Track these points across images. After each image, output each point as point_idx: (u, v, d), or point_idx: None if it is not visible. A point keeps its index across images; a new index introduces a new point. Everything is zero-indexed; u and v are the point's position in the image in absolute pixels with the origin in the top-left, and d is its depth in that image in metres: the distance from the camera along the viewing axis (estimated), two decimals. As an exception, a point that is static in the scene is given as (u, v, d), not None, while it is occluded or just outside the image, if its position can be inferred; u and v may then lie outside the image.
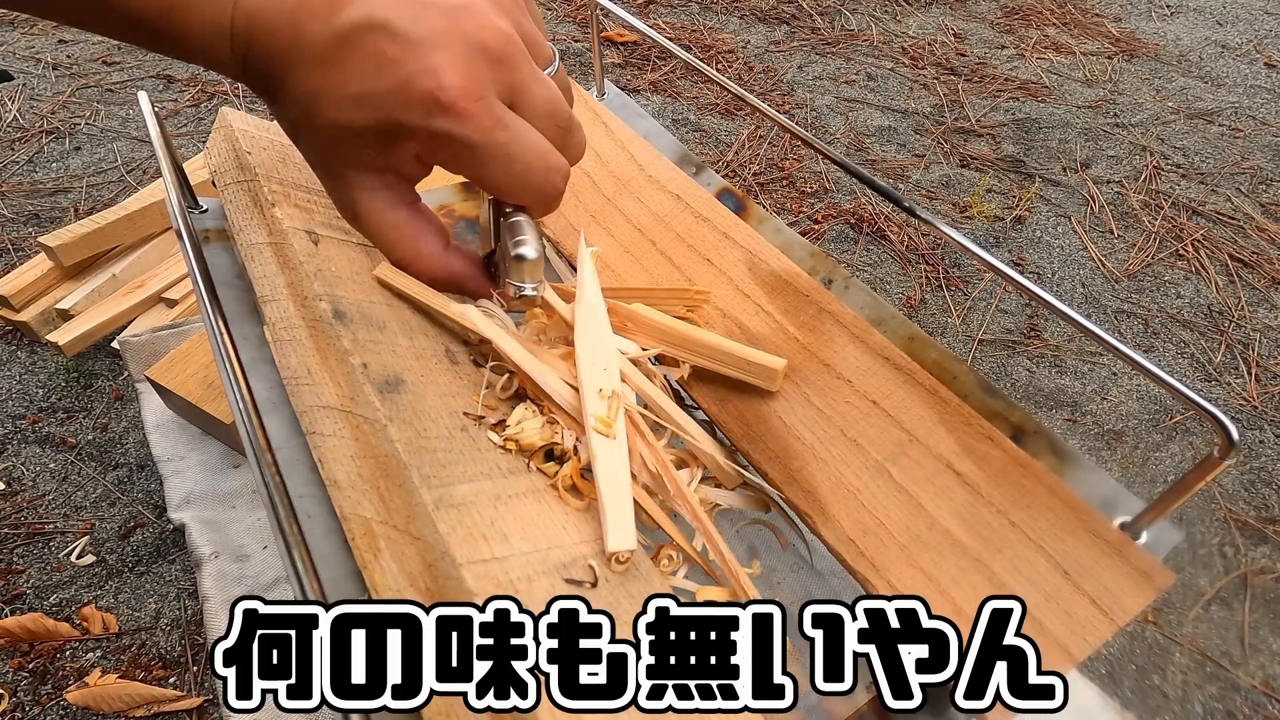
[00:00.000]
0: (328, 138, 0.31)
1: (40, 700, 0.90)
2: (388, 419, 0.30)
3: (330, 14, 0.29)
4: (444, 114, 0.29)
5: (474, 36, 0.29)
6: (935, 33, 2.48)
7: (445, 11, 0.29)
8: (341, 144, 0.31)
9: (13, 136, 1.74)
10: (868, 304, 0.39)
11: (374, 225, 0.34)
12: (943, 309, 1.54)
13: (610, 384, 0.34)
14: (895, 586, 0.30)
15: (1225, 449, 0.26)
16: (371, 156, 0.32)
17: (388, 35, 0.28)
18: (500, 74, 0.30)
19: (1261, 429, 1.34)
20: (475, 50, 0.29)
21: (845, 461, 0.34)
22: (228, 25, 0.29)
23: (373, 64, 0.29)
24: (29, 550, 1.05)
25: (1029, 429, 0.33)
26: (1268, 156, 2.00)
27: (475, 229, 0.51)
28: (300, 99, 0.30)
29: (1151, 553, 0.28)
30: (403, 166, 0.32)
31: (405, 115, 0.29)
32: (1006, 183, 1.86)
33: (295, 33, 0.29)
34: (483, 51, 0.30)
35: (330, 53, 0.29)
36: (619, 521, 0.30)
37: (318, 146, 0.32)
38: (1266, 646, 1.04)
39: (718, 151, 1.90)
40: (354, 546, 0.28)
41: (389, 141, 0.31)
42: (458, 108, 0.29)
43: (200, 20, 0.29)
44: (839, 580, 0.43)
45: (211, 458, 0.84)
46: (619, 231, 0.45)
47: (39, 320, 1.29)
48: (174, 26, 0.29)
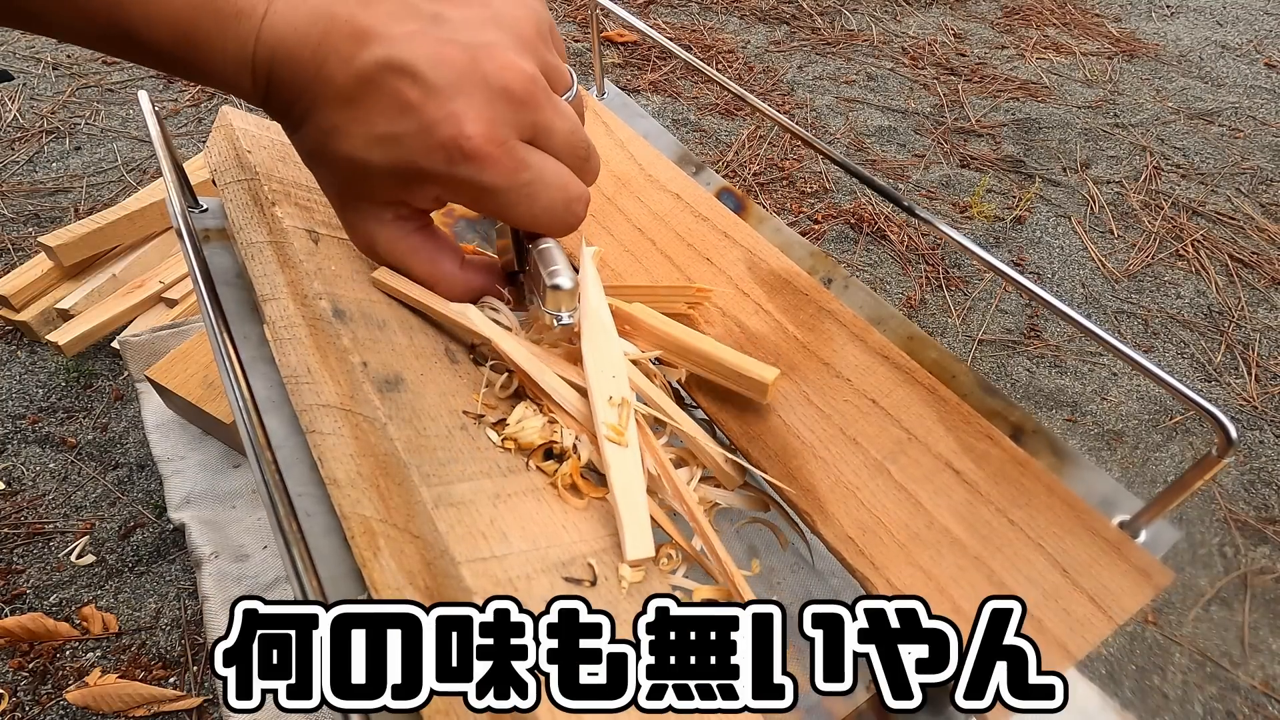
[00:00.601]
0: (347, 172, 0.31)
1: (40, 700, 0.90)
2: (387, 417, 0.30)
3: (353, 52, 0.28)
4: (466, 161, 0.29)
5: (496, 79, 0.29)
6: (935, 33, 2.48)
7: (467, 51, 0.29)
8: (360, 179, 0.31)
9: (13, 136, 1.74)
10: (867, 303, 0.39)
11: (391, 253, 0.34)
12: (943, 309, 1.54)
13: (620, 391, 0.34)
14: (894, 585, 0.30)
15: (1224, 448, 0.26)
16: (390, 192, 0.32)
17: (409, 78, 0.28)
18: (522, 115, 0.30)
19: (1261, 429, 1.34)
20: (497, 94, 0.29)
21: (844, 460, 0.34)
22: (249, 57, 0.29)
23: (394, 107, 0.29)
24: (29, 550, 1.05)
25: (1028, 428, 0.33)
26: (1268, 156, 2.00)
27: (475, 229, 0.51)
28: (322, 132, 0.30)
29: (1150, 551, 0.28)
30: (419, 202, 0.32)
31: (427, 160, 0.29)
32: (1006, 183, 1.86)
33: (318, 69, 0.29)
34: (505, 95, 0.29)
35: (352, 91, 0.29)
36: (636, 530, 0.30)
37: (336, 178, 0.32)
38: (1266, 646, 1.04)
39: (718, 151, 1.90)
40: (353, 545, 0.28)
41: (409, 182, 0.31)
42: (480, 154, 0.29)
43: (222, 52, 0.29)
44: (839, 580, 0.43)
45: (211, 458, 0.84)
46: (619, 231, 0.45)
47: (39, 320, 1.29)
48: (196, 58, 0.29)
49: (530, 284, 0.36)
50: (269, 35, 0.29)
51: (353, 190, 0.32)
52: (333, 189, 0.33)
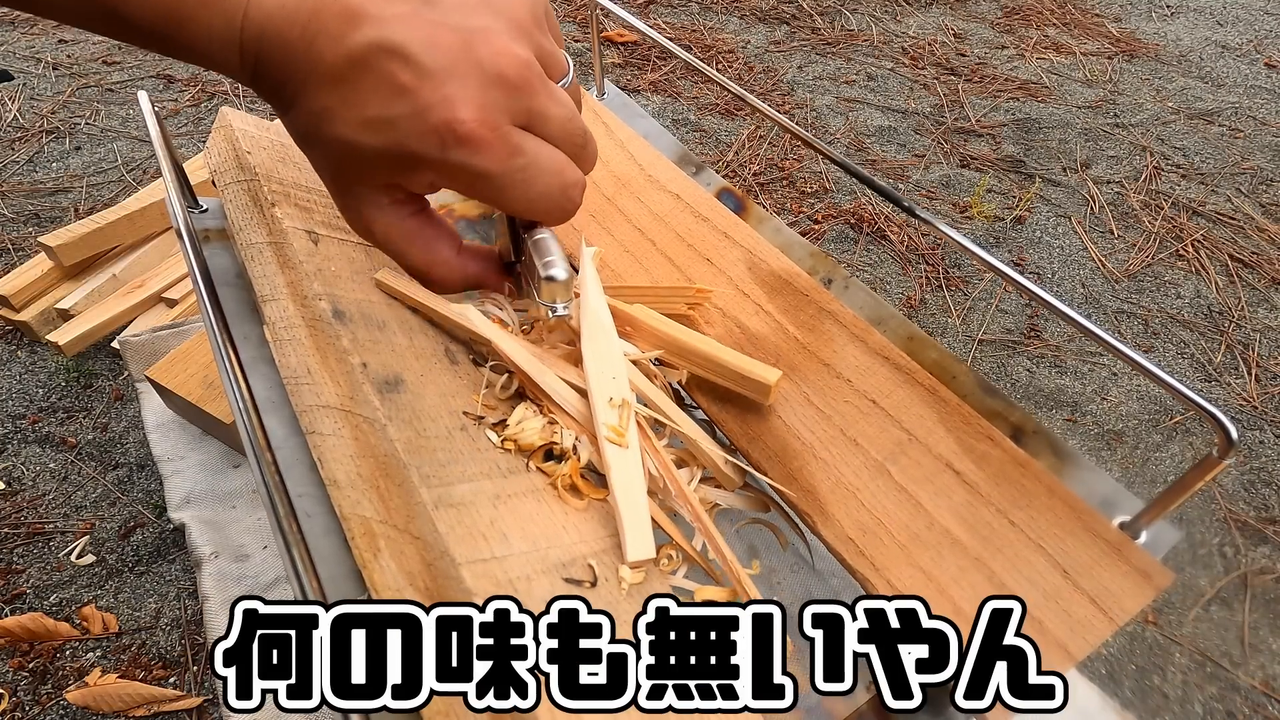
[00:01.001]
0: (339, 154, 0.31)
1: (40, 700, 0.90)
2: (387, 418, 0.30)
3: (344, 32, 0.28)
4: (459, 146, 0.29)
5: (490, 64, 0.29)
6: (935, 33, 2.48)
7: (461, 35, 0.29)
8: (352, 161, 0.31)
9: (13, 136, 1.74)
10: (867, 304, 0.39)
11: (386, 237, 0.34)
12: (943, 309, 1.54)
13: (620, 392, 0.34)
14: (895, 586, 0.30)
15: (1225, 449, 0.26)
16: (384, 176, 0.31)
17: (401, 60, 0.28)
18: (517, 101, 0.30)
19: (1261, 429, 1.34)
20: (491, 79, 0.29)
21: (845, 461, 0.34)
22: (237, 35, 0.29)
23: (386, 89, 0.28)
24: (29, 550, 1.05)
25: (1028, 429, 0.33)
26: (1268, 156, 2.00)
27: (475, 228, 0.51)
28: (313, 113, 0.30)
29: (1151, 552, 0.28)
30: (414, 187, 0.32)
31: (420, 145, 0.29)
32: (1006, 183, 1.86)
33: (308, 48, 0.28)
34: (499, 80, 0.29)
35: (343, 72, 0.28)
36: (637, 531, 0.30)
37: (329, 161, 0.32)
38: (1266, 646, 1.04)
39: (718, 151, 1.90)
40: (354, 546, 0.28)
41: (402, 166, 0.30)
42: (473, 139, 0.29)
43: (208, 28, 0.28)
44: (839, 580, 0.43)
45: (211, 458, 0.84)
46: (619, 231, 0.45)
47: (39, 320, 1.29)
48: (182, 34, 0.29)
49: (526, 275, 0.36)
50: (257, 13, 0.28)
51: (346, 173, 0.32)
52: (326, 172, 0.33)
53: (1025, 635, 0.26)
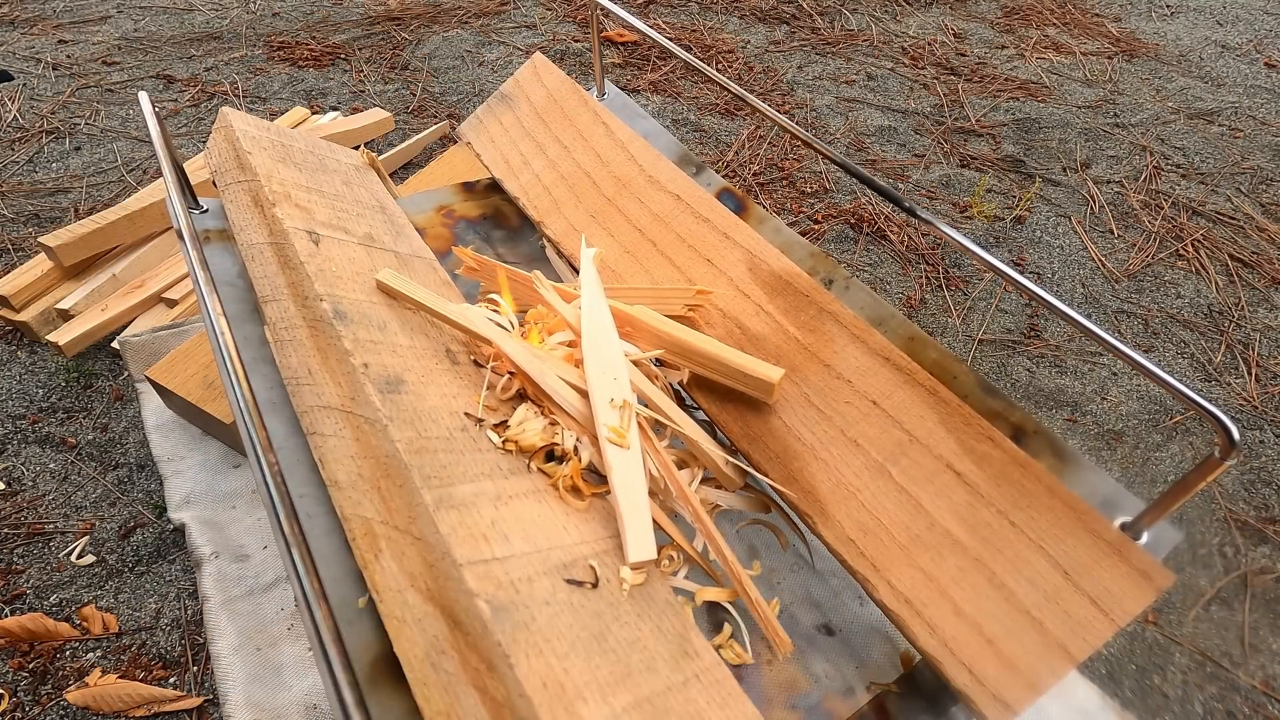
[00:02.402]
0: None
1: (40, 700, 0.90)
2: (388, 419, 0.30)
3: None
4: None
5: None
6: (935, 33, 2.47)
7: None
8: None
9: (13, 136, 1.74)
10: (868, 304, 0.39)
11: None
12: (943, 309, 1.54)
13: (621, 393, 0.34)
14: (895, 586, 0.30)
15: (1226, 449, 0.26)
16: None
17: None
18: None
19: (1261, 429, 1.34)
20: None
21: (845, 462, 0.34)
22: None
23: None
24: (29, 550, 1.04)
25: (1029, 429, 0.33)
26: (1268, 156, 2.00)
27: (475, 229, 0.51)
28: None
29: (1152, 553, 0.28)
30: None
31: None
32: (1006, 183, 1.86)
33: None
34: None
35: None
36: (638, 531, 0.30)
37: None
38: (1266, 646, 1.04)
39: (718, 151, 1.89)
40: (354, 546, 0.28)
41: None
42: None
43: None
44: (839, 580, 0.43)
45: (211, 458, 0.84)
46: (619, 232, 0.45)
47: (39, 320, 1.29)
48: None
49: None
50: None
51: None
52: None
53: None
